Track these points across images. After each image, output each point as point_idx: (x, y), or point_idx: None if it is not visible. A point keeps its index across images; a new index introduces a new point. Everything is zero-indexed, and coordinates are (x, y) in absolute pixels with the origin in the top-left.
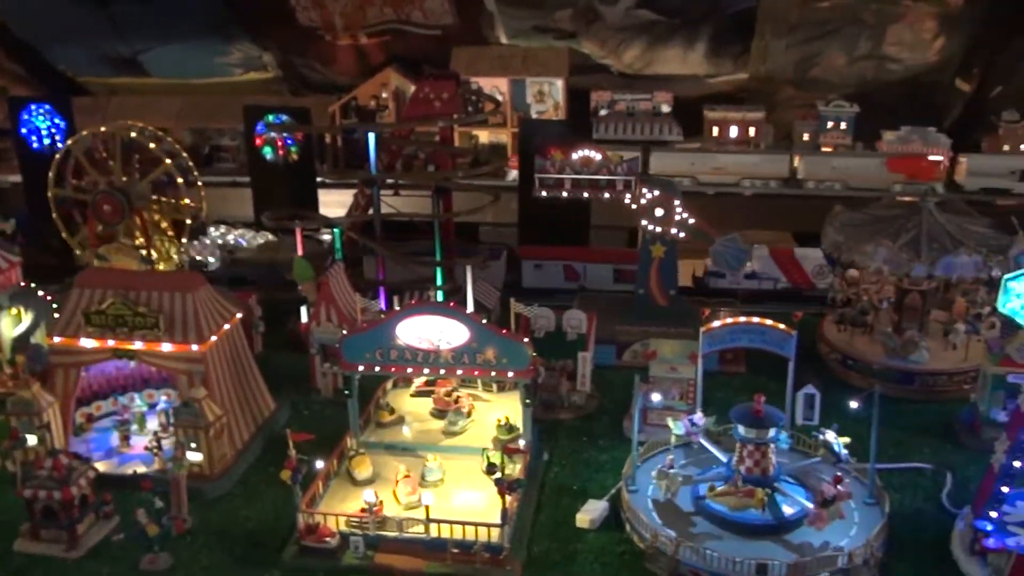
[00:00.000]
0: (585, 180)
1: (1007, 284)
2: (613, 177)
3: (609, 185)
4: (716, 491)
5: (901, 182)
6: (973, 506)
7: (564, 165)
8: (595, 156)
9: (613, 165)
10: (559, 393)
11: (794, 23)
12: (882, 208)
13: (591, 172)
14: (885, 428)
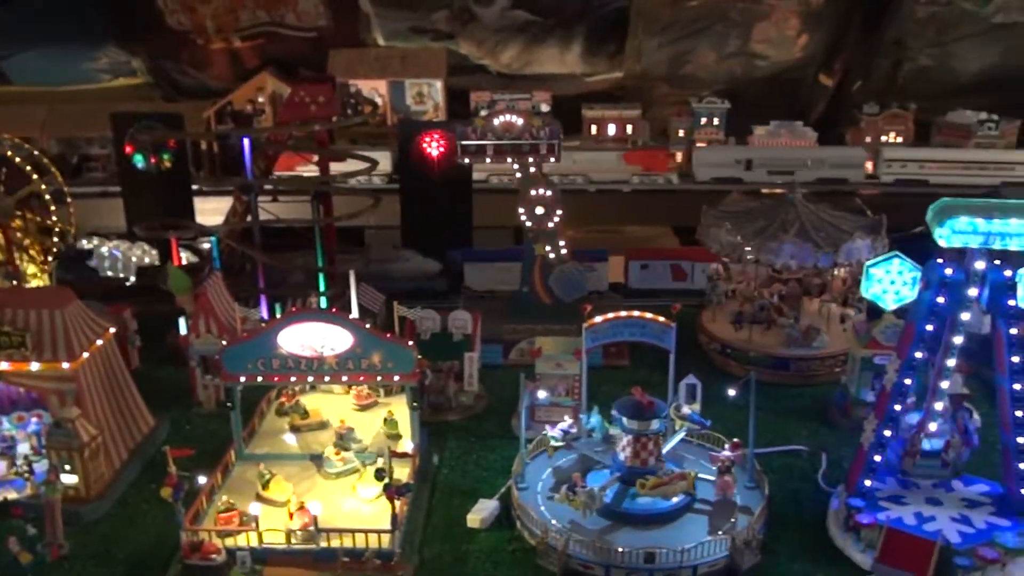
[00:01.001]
0: (508, 145)
1: (869, 270)
2: (536, 141)
3: (532, 149)
4: (647, 484)
5: (639, 174)
6: (846, 484)
7: (486, 131)
8: (517, 121)
9: (535, 129)
10: (447, 394)
11: (665, 22)
12: (734, 204)
13: (513, 137)
14: (763, 413)
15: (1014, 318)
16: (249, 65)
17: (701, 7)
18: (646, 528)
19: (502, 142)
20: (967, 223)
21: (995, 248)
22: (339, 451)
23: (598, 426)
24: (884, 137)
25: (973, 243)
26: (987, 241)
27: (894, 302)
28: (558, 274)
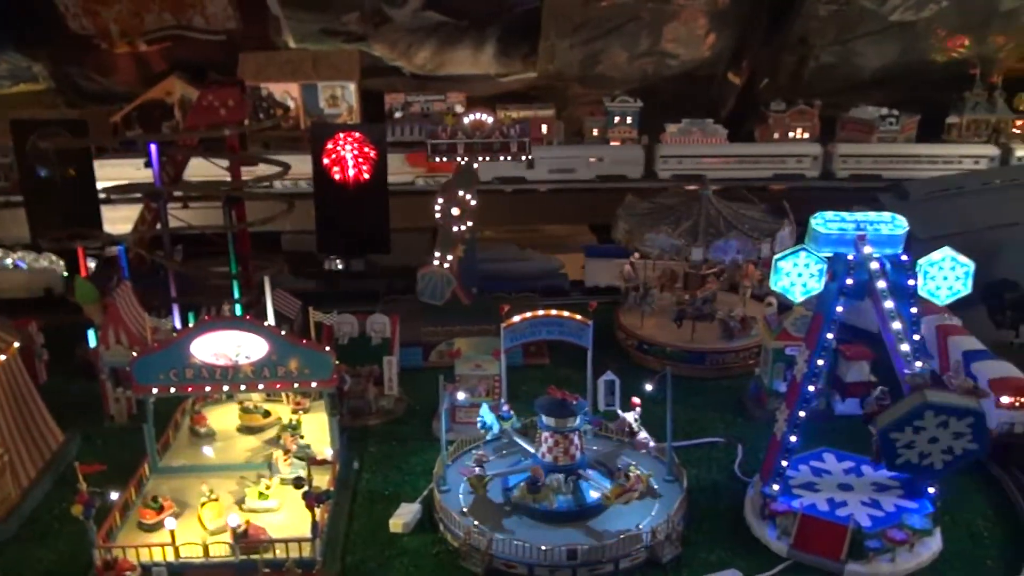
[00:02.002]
0: (479, 144)
1: (777, 263)
2: (507, 139)
3: (503, 147)
4: (610, 494)
5: (422, 175)
6: (761, 473)
7: (456, 130)
8: (487, 120)
9: (506, 127)
10: (367, 399)
11: (577, 22)
12: (668, 197)
13: (484, 136)
14: (680, 407)
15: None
16: (157, 69)
17: (612, 7)
18: (567, 525)
19: (473, 140)
20: (833, 214)
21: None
22: (287, 456)
23: (493, 424)
24: (791, 133)
25: (846, 228)
26: (859, 226)
27: (802, 294)
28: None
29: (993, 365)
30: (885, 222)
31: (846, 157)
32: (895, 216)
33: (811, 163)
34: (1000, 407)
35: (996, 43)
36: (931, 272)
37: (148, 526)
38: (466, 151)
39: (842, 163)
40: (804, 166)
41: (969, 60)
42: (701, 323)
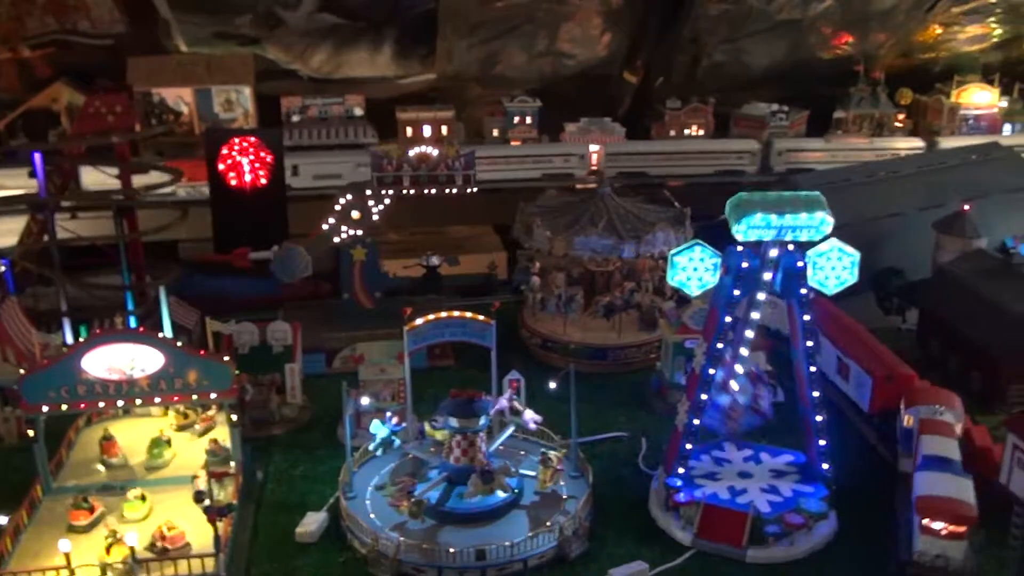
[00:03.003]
0: (424, 177)
1: (673, 258)
2: (452, 172)
3: (448, 180)
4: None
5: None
6: (664, 465)
7: (401, 163)
8: (432, 152)
9: (451, 160)
10: (269, 408)
11: (474, 23)
12: (577, 193)
13: (430, 168)
14: (584, 403)
15: (805, 304)
16: (41, 75)
17: (508, 8)
18: (474, 526)
19: (419, 173)
20: (761, 219)
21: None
22: (136, 492)
23: (386, 438)
24: (687, 130)
25: (767, 236)
26: (780, 234)
27: (698, 288)
28: (279, 252)
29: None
30: (809, 227)
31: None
32: (824, 220)
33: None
34: (927, 533)
35: (877, 40)
36: (819, 263)
37: (81, 528)
38: (412, 184)
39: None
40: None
41: (853, 57)
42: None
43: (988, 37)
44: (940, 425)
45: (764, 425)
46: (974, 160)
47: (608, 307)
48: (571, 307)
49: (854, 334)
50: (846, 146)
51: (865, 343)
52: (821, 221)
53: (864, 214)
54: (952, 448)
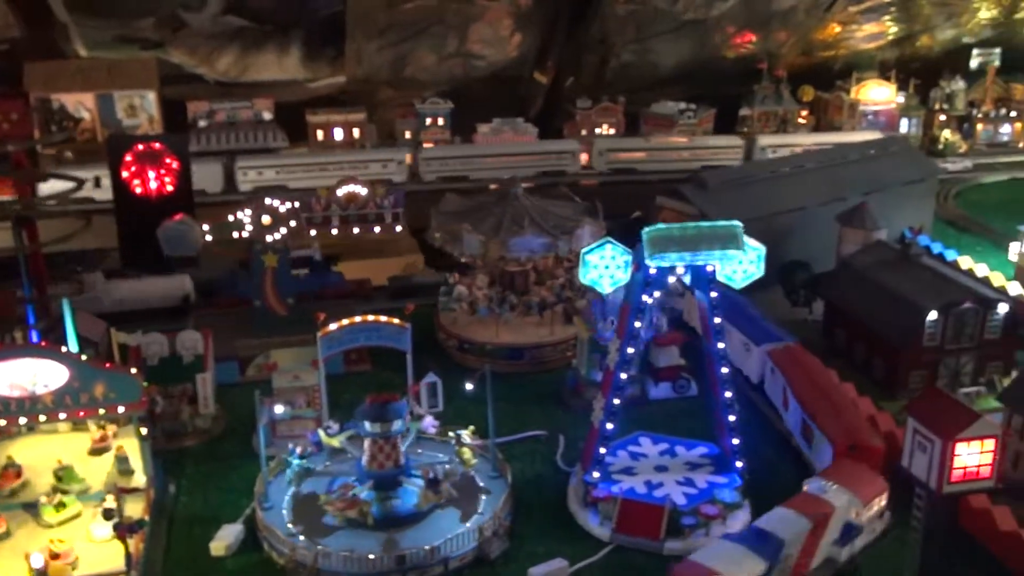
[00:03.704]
0: (354, 216)
1: (584, 257)
2: (381, 210)
3: (377, 218)
4: (326, 500)
5: None
6: (581, 462)
7: (330, 202)
8: (360, 191)
9: (379, 198)
10: (181, 420)
11: (383, 25)
12: (485, 195)
13: (359, 208)
14: (502, 403)
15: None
16: None
17: (416, 10)
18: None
19: (348, 212)
20: (676, 258)
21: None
22: (55, 497)
23: (296, 468)
24: (598, 129)
25: (680, 267)
26: (691, 264)
27: (611, 285)
28: (164, 229)
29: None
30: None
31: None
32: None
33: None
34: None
35: (779, 39)
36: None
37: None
38: (341, 223)
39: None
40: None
41: (756, 55)
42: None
43: (884, 35)
44: (811, 500)
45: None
46: (873, 155)
47: (541, 304)
48: (504, 307)
49: (823, 393)
50: (664, 145)
51: (835, 404)
52: (734, 258)
53: (770, 209)
54: (789, 525)
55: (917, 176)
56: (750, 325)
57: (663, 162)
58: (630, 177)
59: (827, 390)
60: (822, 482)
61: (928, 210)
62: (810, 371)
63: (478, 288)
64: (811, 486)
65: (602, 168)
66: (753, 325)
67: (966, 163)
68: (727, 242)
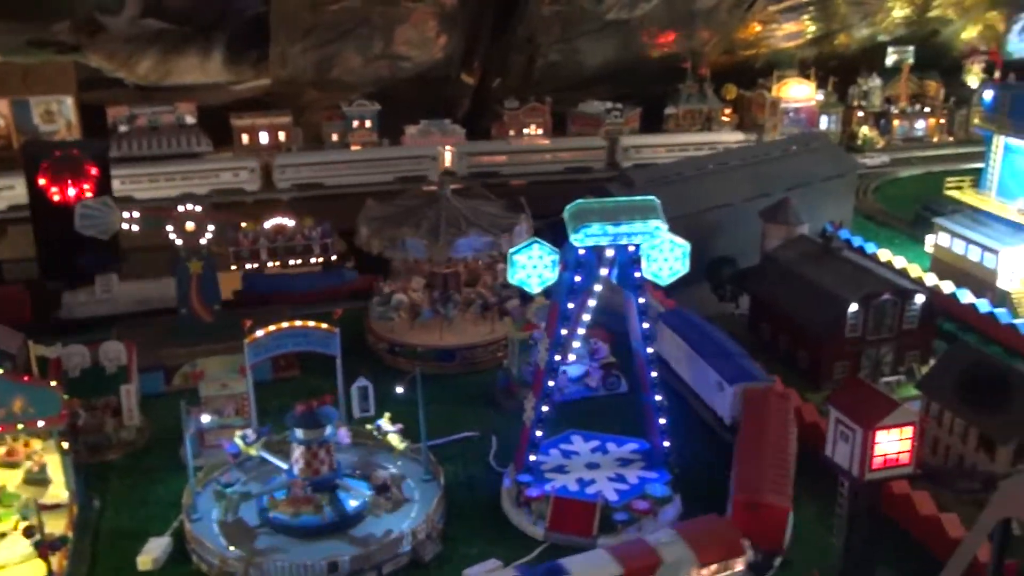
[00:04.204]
0: (282, 248)
1: (512, 257)
2: (309, 241)
3: (306, 250)
4: (274, 502)
5: None
6: (514, 462)
7: (257, 236)
8: (288, 223)
9: (307, 230)
10: (105, 432)
11: (307, 27)
12: (409, 199)
13: (287, 239)
14: (434, 405)
15: (639, 288)
16: None
17: (341, 11)
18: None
19: (276, 245)
20: (598, 228)
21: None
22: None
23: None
24: (525, 130)
25: (604, 243)
26: (615, 239)
27: (539, 285)
28: (80, 208)
29: None
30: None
31: None
32: (658, 228)
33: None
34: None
35: (702, 38)
36: (652, 255)
37: None
38: (270, 256)
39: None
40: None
41: (680, 54)
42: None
43: (803, 34)
44: (640, 547)
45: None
46: (795, 151)
47: (484, 304)
48: (449, 307)
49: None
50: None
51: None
52: (655, 228)
53: (696, 206)
54: (593, 567)
55: (837, 172)
56: (726, 362)
57: (524, 165)
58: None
59: (763, 440)
60: (669, 533)
61: (848, 205)
62: (766, 416)
63: (413, 291)
64: (656, 534)
65: (463, 172)
66: (729, 362)
67: (883, 158)
68: (647, 213)
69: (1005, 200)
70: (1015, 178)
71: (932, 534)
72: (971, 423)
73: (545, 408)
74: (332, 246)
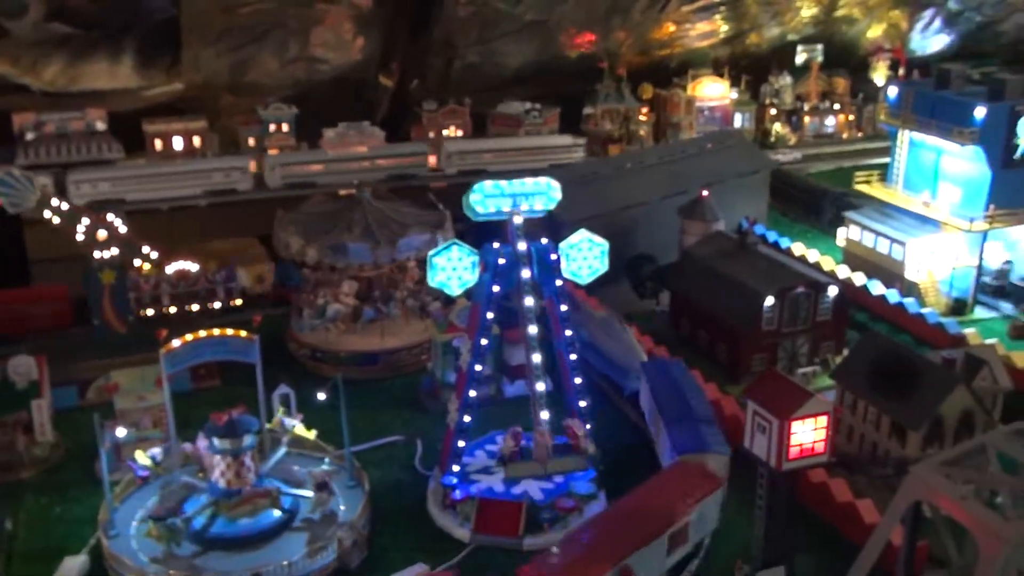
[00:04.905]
0: (184, 293)
1: (432, 260)
2: (213, 285)
3: (209, 294)
4: (230, 506)
5: None
6: (439, 465)
7: (159, 281)
8: (190, 268)
9: (211, 274)
10: (16, 450)
11: (220, 30)
12: (318, 204)
13: (189, 285)
14: (358, 411)
15: (562, 295)
16: None
17: (254, 14)
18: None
19: (179, 291)
20: (493, 187)
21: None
22: None
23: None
24: (445, 131)
25: (504, 206)
26: (515, 203)
27: (459, 287)
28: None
29: None
30: (540, 193)
31: None
32: (550, 184)
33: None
34: None
35: (618, 38)
36: (571, 254)
37: None
38: (172, 302)
39: None
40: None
41: (597, 55)
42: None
43: (716, 33)
44: None
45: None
46: (710, 148)
47: (421, 306)
48: (391, 306)
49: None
50: (344, 156)
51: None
52: (548, 185)
53: (614, 205)
54: None
55: (751, 168)
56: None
57: (342, 174)
58: (304, 192)
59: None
60: None
61: (763, 200)
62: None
63: (345, 295)
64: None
65: (275, 184)
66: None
67: (796, 154)
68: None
69: (911, 193)
70: (919, 172)
71: (849, 520)
72: (883, 410)
73: (467, 418)
74: (235, 290)
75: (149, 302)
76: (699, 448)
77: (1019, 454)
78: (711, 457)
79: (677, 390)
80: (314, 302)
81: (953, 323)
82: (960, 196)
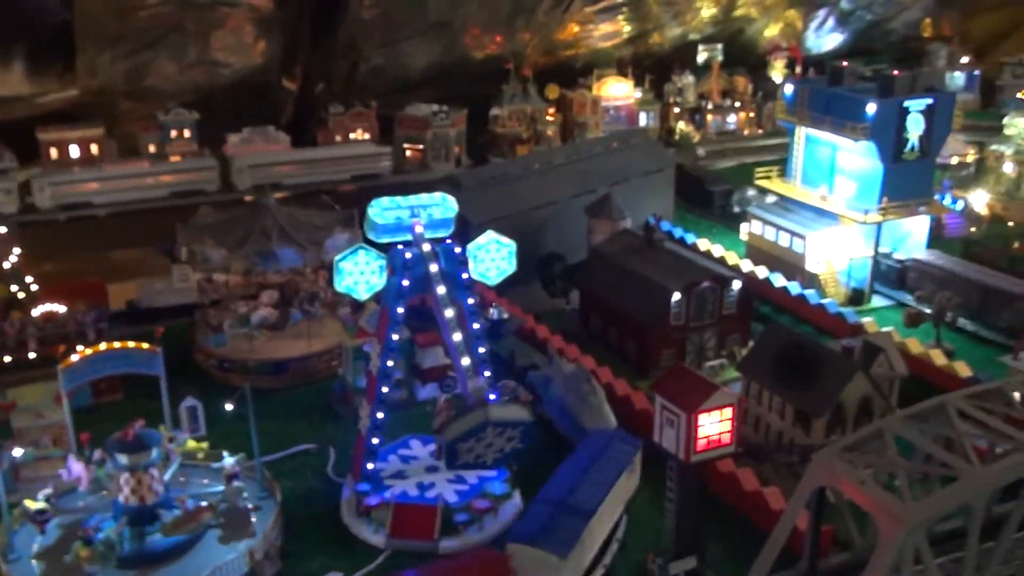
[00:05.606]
0: (53, 336)
1: (339, 264)
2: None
3: (79, 335)
4: (170, 526)
5: None
6: (352, 472)
7: (25, 324)
8: (59, 310)
9: (80, 315)
10: None
11: (115, 35)
12: (211, 215)
13: (58, 326)
14: (268, 420)
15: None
16: None
17: (151, 18)
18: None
19: (46, 332)
20: (389, 202)
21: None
22: None
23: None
24: (352, 134)
25: (403, 216)
26: (414, 212)
27: (367, 291)
28: None
29: None
30: (437, 205)
31: None
32: (446, 197)
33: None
34: None
35: (523, 39)
36: (479, 255)
37: None
38: (40, 345)
39: None
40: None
41: (503, 55)
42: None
43: (619, 34)
44: None
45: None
46: (616, 147)
47: (355, 303)
48: (316, 306)
49: None
50: (123, 173)
51: None
52: (443, 197)
53: (523, 205)
54: None
55: (657, 166)
56: (536, 520)
57: (123, 191)
58: (81, 212)
59: None
60: None
61: (668, 197)
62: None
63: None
64: None
65: (45, 205)
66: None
67: (700, 152)
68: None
69: (809, 187)
70: (816, 167)
71: (756, 508)
72: (787, 400)
73: (380, 415)
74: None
75: (15, 347)
76: (528, 540)
77: (915, 438)
78: (531, 554)
79: (583, 471)
80: (235, 312)
81: (851, 313)
82: (855, 190)
